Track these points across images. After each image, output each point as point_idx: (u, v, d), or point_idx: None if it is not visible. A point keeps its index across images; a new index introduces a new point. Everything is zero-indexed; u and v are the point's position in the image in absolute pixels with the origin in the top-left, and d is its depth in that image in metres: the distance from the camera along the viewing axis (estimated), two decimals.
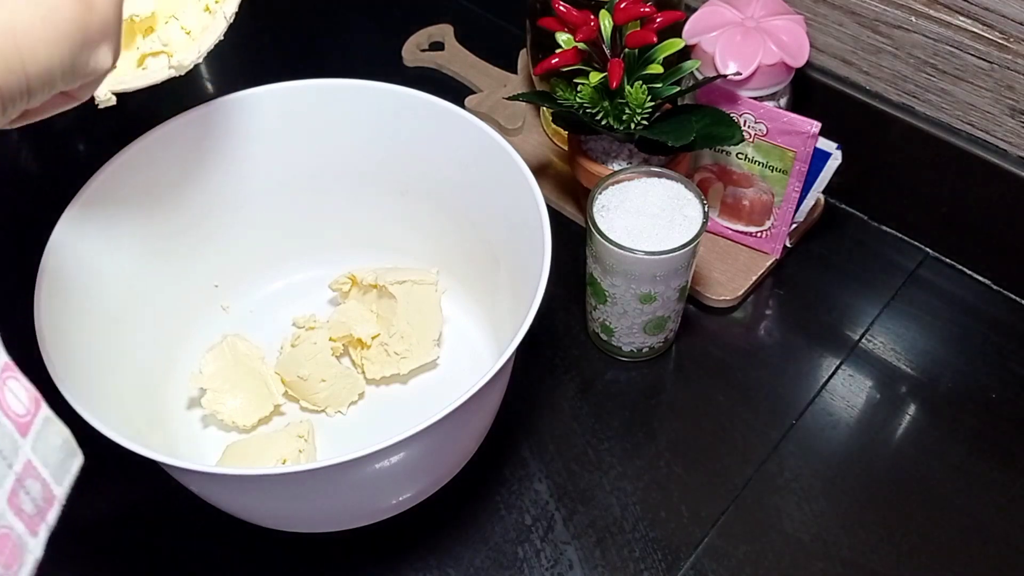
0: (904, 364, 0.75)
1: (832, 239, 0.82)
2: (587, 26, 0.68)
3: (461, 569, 0.65)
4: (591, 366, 0.75)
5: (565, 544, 0.66)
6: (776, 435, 0.71)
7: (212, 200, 0.71)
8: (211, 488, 0.60)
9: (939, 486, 0.68)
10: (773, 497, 0.68)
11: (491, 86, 0.92)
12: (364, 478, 0.58)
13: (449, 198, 0.72)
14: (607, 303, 0.70)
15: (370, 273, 0.73)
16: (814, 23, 0.77)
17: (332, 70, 0.72)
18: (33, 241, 0.61)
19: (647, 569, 0.65)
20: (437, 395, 0.71)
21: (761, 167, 0.75)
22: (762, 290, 0.79)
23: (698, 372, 0.75)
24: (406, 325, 0.71)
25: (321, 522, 0.64)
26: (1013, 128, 0.72)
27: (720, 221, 0.80)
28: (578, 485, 0.69)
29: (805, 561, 0.65)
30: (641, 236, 0.67)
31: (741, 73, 0.71)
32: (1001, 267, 0.78)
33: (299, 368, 0.69)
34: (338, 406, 0.71)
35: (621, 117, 0.70)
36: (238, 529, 0.64)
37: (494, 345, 0.72)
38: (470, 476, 0.66)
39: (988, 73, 0.70)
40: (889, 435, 0.71)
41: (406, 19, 1.00)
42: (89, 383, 0.58)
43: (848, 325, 0.77)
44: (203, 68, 1.02)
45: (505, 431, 0.70)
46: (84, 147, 0.94)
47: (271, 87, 0.70)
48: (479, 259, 0.72)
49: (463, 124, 0.68)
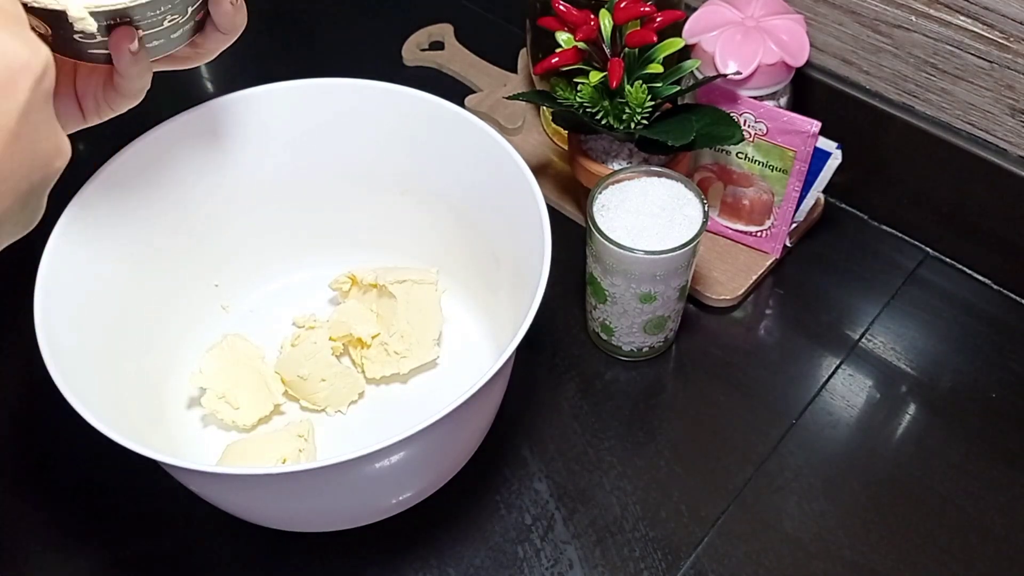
0: (904, 364, 0.75)
1: (832, 239, 0.82)
2: (587, 25, 0.68)
3: (461, 568, 0.65)
4: (591, 366, 0.75)
5: (565, 544, 0.66)
6: (776, 435, 0.71)
7: (212, 200, 0.71)
8: (211, 488, 0.60)
9: (939, 486, 0.68)
10: (773, 497, 0.68)
11: (491, 85, 0.92)
12: (364, 478, 0.58)
13: (449, 198, 0.72)
14: (607, 303, 0.70)
15: (370, 273, 0.73)
16: (814, 22, 0.77)
17: (332, 69, 0.72)
18: (33, 241, 0.61)
19: (647, 569, 0.65)
20: (437, 395, 0.71)
21: (761, 166, 0.75)
22: (762, 290, 0.79)
23: (698, 372, 0.75)
24: (406, 325, 0.71)
25: (321, 522, 0.64)
26: (1013, 127, 0.72)
27: (720, 220, 0.80)
28: (578, 485, 0.69)
29: (805, 561, 0.65)
30: (641, 236, 0.67)
31: (741, 72, 0.71)
32: (1001, 267, 0.78)
33: (299, 368, 0.69)
34: (338, 406, 0.71)
35: (621, 116, 0.70)
36: (238, 529, 0.64)
37: (494, 345, 0.72)
38: (470, 476, 0.66)
39: (988, 72, 0.70)
40: (889, 435, 0.71)
41: (406, 18, 1.00)
42: (89, 383, 0.58)
43: (848, 325, 0.77)
44: (203, 68, 1.02)
45: (505, 431, 0.70)
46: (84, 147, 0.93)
47: (271, 87, 0.70)
48: (479, 259, 0.72)
49: (463, 124, 0.68)
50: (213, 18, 0.54)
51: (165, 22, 0.51)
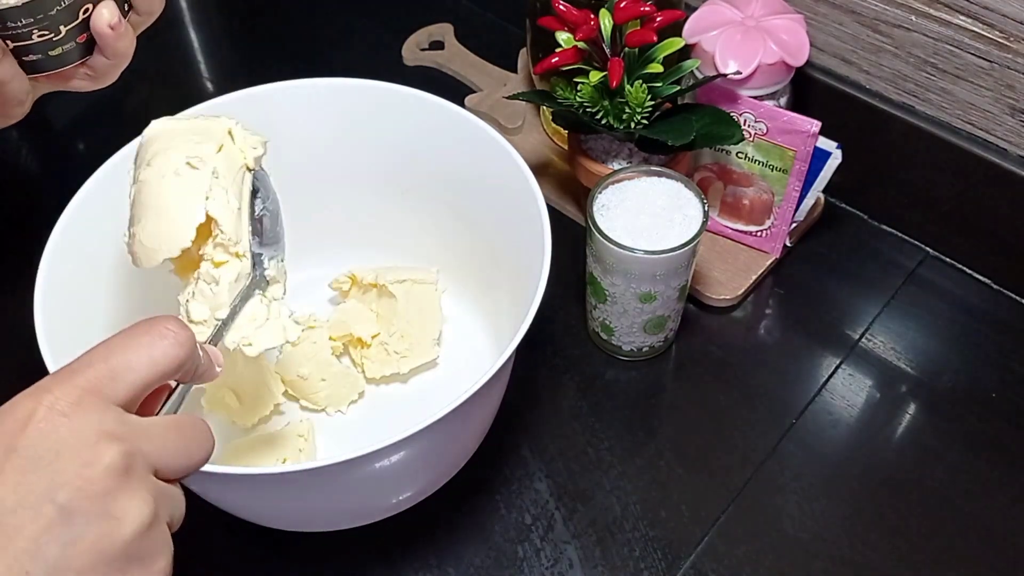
0: (904, 363, 0.75)
1: (832, 238, 0.82)
2: (587, 25, 0.68)
3: (461, 568, 0.65)
4: (591, 365, 0.75)
5: (565, 543, 0.66)
6: (776, 435, 0.71)
7: None
8: (211, 487, 0.60)
9: (939, 486, 0.68)
10: (773, 497, 0.68)
11: (491, 85, 0.92)
12: (364, 477, 0.58)
13: (449, 197, 0.72)
14: (607, 302, 0.70)
15: (370, 272, 0.73)
16: (814, 22, 0.77)
17: (332, 69, 0.72)
18: (33, 241, 0.61)
19: (647, 568, 0.65)
20: (437, 394, 0.71)
21: (761, 166, 0.75)
22: (762, 289, 0.79)
23: (698, 371, 0.75)
24: (406, 324, 0.71)
25: (321, 522, 0.64)
26: (1013, 127, 0.72)
27: (720, 220, 0.80)
28: (578, 484, 0.69)
29: (805, 561, 0.65)
30: (641, 235, 0.67)
31: (741, 72, 0.71)
32: (1001, 266, 0.78)
33: (299, 367, 0.69)
34: (338, 405, 0.71)
35: (621, 116, 0.70)
36: (238, 528, 0.64)
37: (494, 344, 0.72)
38: (470, 475, 0.66)
39: (988, 72, 0.70)
40: (889, 435, 0.71)
41: (406, 18, 1.00)
42: None
43: (848, 324, 0.77)
44: (203, 68, 1.02)
45: (505, 430, 0.70)
46: (84, 147, 0.94)
47: (271, 87, 0.70)
48: (479, 258, 0.72)
49: (463, 123, 0.68)
50: (97, 43, 0.54)
51: (34, 36, 0.52)
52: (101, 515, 0.36)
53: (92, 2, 0.53)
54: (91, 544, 0.36)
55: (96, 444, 0.36)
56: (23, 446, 0.36)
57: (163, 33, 1.03)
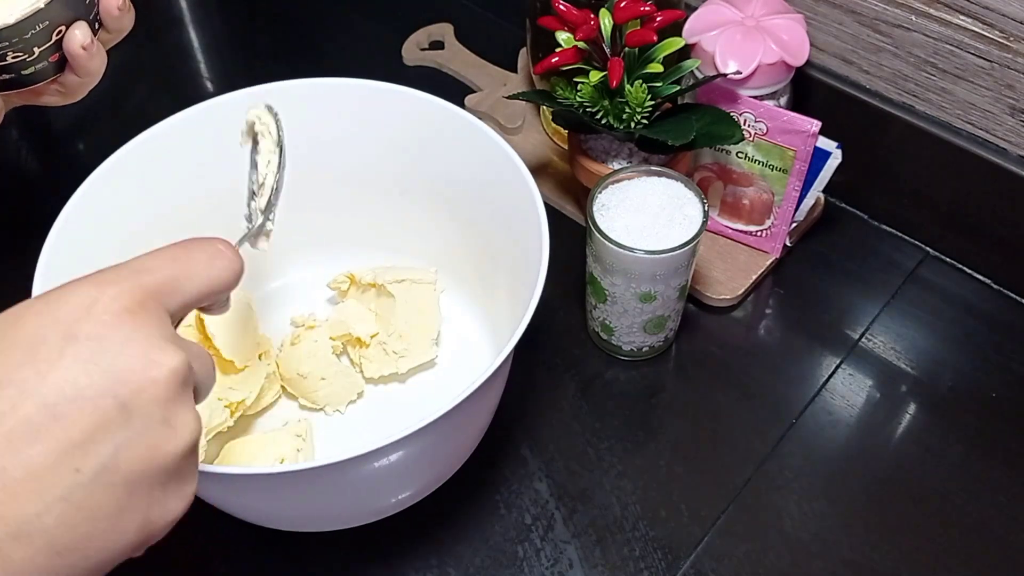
0: (904, 363, 0.74)
1: (832, 238, 0.82)
2: (587, 25, 0.68)
3: (461, 568, 0.65)
4: (591, 365, 0.75)
5: (565, 543, 0.66)
6: (776, 435, 0.71)
7: (210, 198, 0.71)
8: (210, 487, 0.60)
9: (939, 486, 0.68)
10: (773, 497, 0.68)
11: (491, 85, 0.92)
12: (363, 477, 0.58)
13: (448, 197, 0.72)
14: (607, 302, 0.70)
15: (369, 272, 0.73)
16: (814, 22, 0.77)
17: (332, 69, 0.72)
18: (33, 241, 0.61)
19: (647, 568, 0.65)
20: (436, 394, 0.71)
21: (761, 166, 0.75)
22: (762, 289, 0.79)
23: (698, 371, 0.75)
24: (404, 324, 0.71)
25: (321, 522, 0.64)
26: (1013, 127, 0.72)
27: (720, 220, 0.80)
28: (578, 484, 0.68)
29: (805, 561, 0.65)
30: (641, 235, 0.67)
31: (741, 72, 0.71)
32: (1001, 266, 0.78)
33: (299, 366, 0.69)
34: (337, 405, 0.71)
35: (621, 116, 0.70)
36: (238, 528, 0.64)
37: (493, 344, 0.72)
38: (470, 475, 0.66)
39: (988, 72, 0.70)
40: (889, 434, 0.71)
41: (406, 18, 1.00)
42: None
43: (848, 324, 0.77)
44: (203, 68, 1.02)
45: (505, 430, 0.70)
46: (84, 147, 0.94)
47: (271, 86, 0.69)
48: (478, 258, 0.72)
49: (463, 124, 0.68)
50: (69, 61, 0.55)
51: (8, 58, 0.53)
52: (161, 421, 0.34)
53: (65, 24, 0.54)
54: (144, 451, 0.34)
55: (163, 347, 0.34)
56: (85, 334, 0.33)
57: (163, 33, 1.03)
